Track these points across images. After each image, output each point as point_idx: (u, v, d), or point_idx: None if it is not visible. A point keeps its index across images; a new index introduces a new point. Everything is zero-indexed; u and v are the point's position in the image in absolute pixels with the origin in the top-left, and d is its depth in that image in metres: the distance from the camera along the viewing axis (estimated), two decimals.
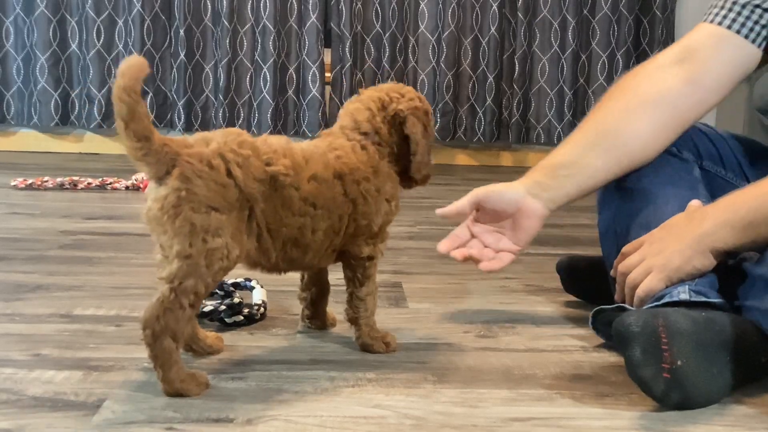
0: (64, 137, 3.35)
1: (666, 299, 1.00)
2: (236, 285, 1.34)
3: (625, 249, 1.09)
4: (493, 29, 3.29)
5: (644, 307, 1.01)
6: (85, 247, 1.68)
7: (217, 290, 1.31)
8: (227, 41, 3.23)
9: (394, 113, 1.07)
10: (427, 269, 1.58)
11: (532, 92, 3.38)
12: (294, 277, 1.27)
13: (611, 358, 1.09)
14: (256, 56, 3.27)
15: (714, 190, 1.17)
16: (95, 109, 3.23)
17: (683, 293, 1.00)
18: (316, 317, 1.17)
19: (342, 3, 3.24)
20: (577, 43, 3.33)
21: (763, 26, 1.17)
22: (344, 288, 1.09)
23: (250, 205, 0.91)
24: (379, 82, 3.32)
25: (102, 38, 3.21)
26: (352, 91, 3.29)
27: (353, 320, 1.09)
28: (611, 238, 1.19)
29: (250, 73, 3.28)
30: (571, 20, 3.31)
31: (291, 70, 3.32)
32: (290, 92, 3.33)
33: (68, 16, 3.22)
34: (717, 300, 1.00)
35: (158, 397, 0.91)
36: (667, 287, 1.02)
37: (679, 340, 0.89)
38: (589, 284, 1.32)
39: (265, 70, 3.26)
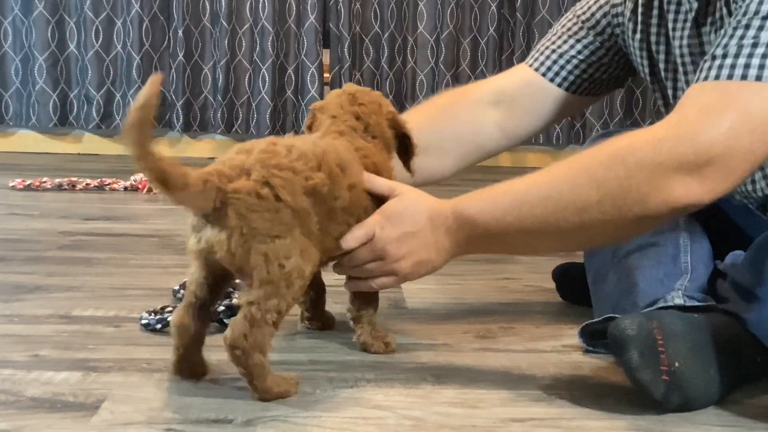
0: (62, 138, 3.35)
1: (660, 304, 1.00)
2: (236, 286, 1.33)
3: (360, 233, 1.01)
4: (491, 30, 3.29)
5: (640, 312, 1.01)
6: (83, 247, 1.68)
7: None
8: (226, 42, 3.23)
9: (391, 115, 1.08)
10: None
11: None
12: None
13: (610, 358, 1.09)
14: (255, 57, 3.27)
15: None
16: (94, 109, 3.23)
17: (678, 298, 1.01)
18: (316, 318, 1.17)
19: (340, 3, 3.24)
20: None
21: (575, 73, 1.24)
22: (342, 288, 1.09)
23: (304, 220, 0.92)
24: (378, 83, 3.33)
25: (100, 39, 3.21)
26: None
27: (356, 319, 1.08)
28: (595, 250, 1.21)
29: (248, 73, 3.28)
30: None
31: (290, 70, 3.32)
32: (289, 93, 3.33)
33: (66, 17, 3.22)
34: (708, 303, 1.01)
35: (157, 398, 0.91)
36: None
37: (674, 342, 0.89)
38: (584, 291, 1.32)
39: (263, 70, 3.26)
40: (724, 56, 0.91)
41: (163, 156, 0.81)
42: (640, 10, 1.15)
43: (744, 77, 0.88)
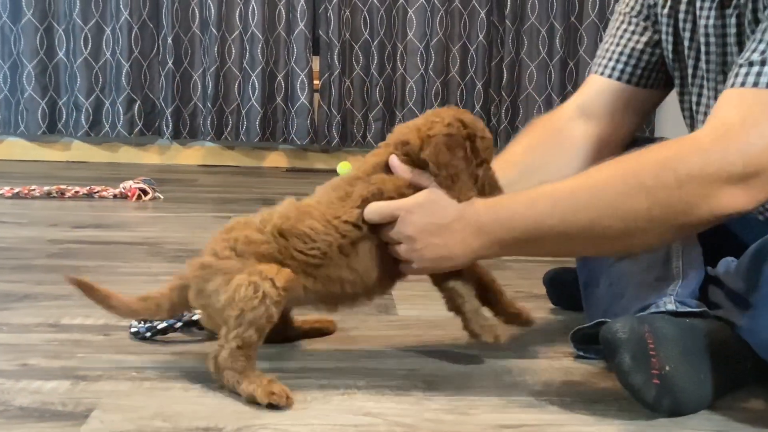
0: (51, 145, 3.33)
1: (652, 309, 1.01)
2: None
3: (388, 212, 1.00)
4: (481, 36, 3.30)
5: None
6: (72, 255, 1.67)
7: None
8: (215, 49, 3.23)
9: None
10: (416, 276, 1.58)
11: (520, 99, 3.39)
12: None
13: (601, 364, 1.09)
14: (245, 64, 3.27)
15: None
16: (83, 117, 3.22)
17: (669, 304, 1.01)
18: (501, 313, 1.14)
19: (330, 11, 3.25)
20: (564, 50, 3.35)
21: (640, 66, 1.21)
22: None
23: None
24: (368, 90, 3.33)
25: (89, 46, 3.20)
26: (341, 98, 3.29)
27: (456, 309, 1.05)
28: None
29: (238, 80, 3.28)
30: (559, 27, 3.32)
31: (279, 77, 3.32)
32: (279, 100, 3.33)
33: (55, 24, 3.21)
34: (700, 309, 1.01)
35: (147, 407, 0.90)
36: None
37: (665, 346, 0.90)
38: (575, 296, 1.32)
39: (253, 77, 3.26)
40: (762, 63, 0.91)
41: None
42: None
43: None
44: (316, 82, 3.34)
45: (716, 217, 0.91)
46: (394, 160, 1.02)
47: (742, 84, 0.92)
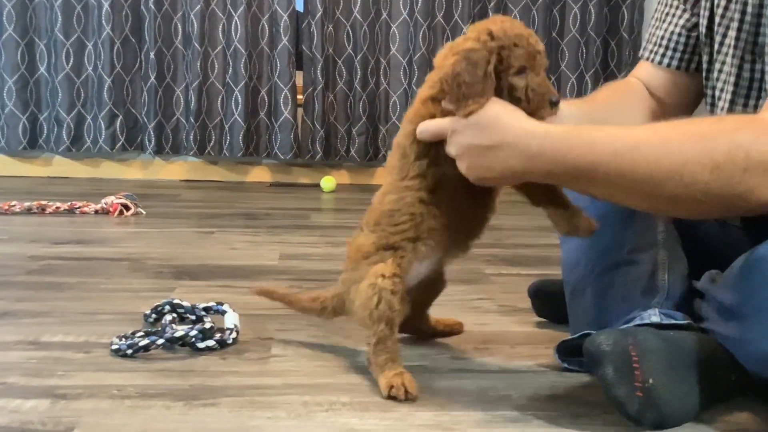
0: (32, 161, 3.31)
1: (636, 321, 1.01)
2: (208, 309, 1.32)
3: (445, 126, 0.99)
4: None
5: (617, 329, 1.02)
6: (53, 272, 1.65)
7: (188, 314, 1.29)
8: (198, 64, 3.22)
9: None
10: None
11: None
12: (265, 302, 1.27)
13: (585, 378, 1.09)
14: (228, 78, 3.27)
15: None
16: (64, 132, 3.20)
17: (654, 316, 1.01)
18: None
19: (313, 26, 3.25)
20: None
21: (687, 51, 1.21)
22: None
23: None
24: (351, 104, 3.34)
25: (71, 61, 3.18)
26: (324, 113, 3.30)
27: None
28: (573, 266, 1.20)
29: (221, 95, 3.27)
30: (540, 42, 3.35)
31: (263, 92, 3.31)
32: (262, 114, 3.33)
33: (37, 39, 3.19)
34: (685, 321, 1.01)
35: (128, 425, 0.89)
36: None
37: (649, 359, 0.90)
38: (560, 307, 1.32)
39: (236, 92, 3.25)
40: None
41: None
42: None
43: None
44: (299, 96, 3.33)
45: (762, 207, 0.89)
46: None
47: None
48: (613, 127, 0.95)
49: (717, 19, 1.13)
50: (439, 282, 1.21)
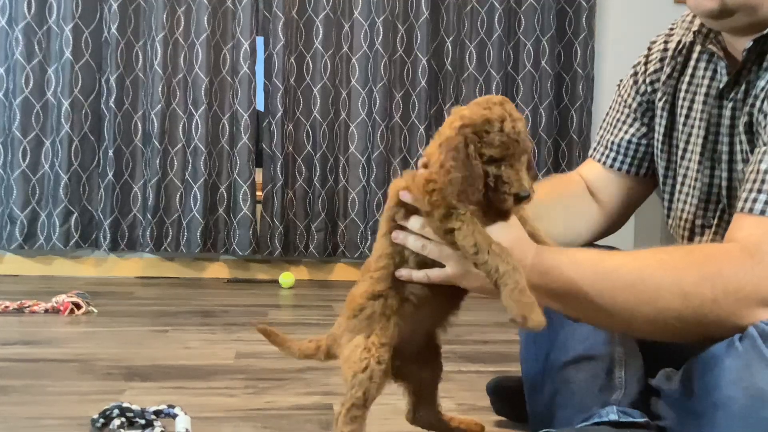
0: None
1: (595, 419, 1.01)
2: (158, 412, 1.28)
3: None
4: (421, 150, 3.39)
5: (576, 426, 1.01)
6: None
7: (137, 419, 1.25)
8: (157, 161, 3.24)
9: None
10: None
11: None
12: (219, 403, 1.23)
13: None
14: (187, 175, 3.28)
15: None
16: (17, 229, 3.15)
17: (612, 413, 1.01)
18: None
19: (273, 125, 3.31)
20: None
21: (640, 159, 1.27)
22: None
23: None
24: (310, 201, 3.36)
25: (27, 158, 3.17)
26: (284, 210, 3.31)
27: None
28: (531, 360, 1.20)
29: (180, 192, 3.27)
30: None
31: (222, 188, 3.33)
32: (221, 210, 3.33)
33: None
34: (641, 419, 1.01)
35: None
36: None
37: None
38: (519, 405, 1.31)
39: (195, 188, 3.26)
40: None
41: None
42: (673, 74, 1.20)
43: None
44: (258, 193, 3.35)
45: (738, 332, 0.93)
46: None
47: (761, 212, 0.95)
48: (595, 250, 1.01)
49: (679, 128, 1.19)
50: (435, 358, 1.15)
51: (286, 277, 3.16)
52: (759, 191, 0.96)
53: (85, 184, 3.24)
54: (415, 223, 0.98)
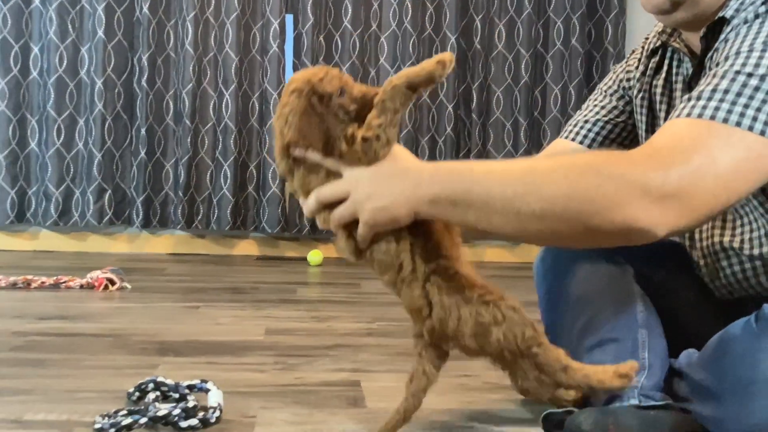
0: (18, 235, 3.31)
1: (617, 403, 1.02)
2: (192, 387, 1.32)
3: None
4: (449, 129, 3.39)
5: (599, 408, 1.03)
6: (37, 348, 1.64)
7: (171, 393, 1.28)
8: (188, 139, 3.28)
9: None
10: (385, 367, 1.57)
11: None
12: (249, 379, 1.26)
13: None
14: (217, 154, 3.32)
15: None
16: (52, 206, 3.22)
17: (633, 398, 1.02)
18: None
19: None
20: (528, 142, 3.45)
21: (602, 134, 1.29)
22: None
23: None
24: None
25: (62, 137, 3.23)
26: None
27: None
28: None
29: (210, 170, 3.31)
30: (523, 121, 3.44)
31: (251, 167, 3.36)
32: (250, 189, 3.36)
33: (29, 115, 3.25)
34: (663, 402, 1.02)
35: None
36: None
37: None
38: None
39: (225, 167, 3.30)
40: (698, 98, 0.97)
41: None
42: (648, 72, 1.23)
43: (713, 117, 0.94)
44: None
45: (628, 228, 0.91)
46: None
47: (678, 115, 0.97)
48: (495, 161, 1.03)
49: (660, 123, 1.22)
50: None
51: (315, 255, 3.19)
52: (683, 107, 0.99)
53: (118, 162, 3.29)
54: None
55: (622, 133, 1.30)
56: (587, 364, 1.04)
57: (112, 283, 2.40)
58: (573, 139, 1.30)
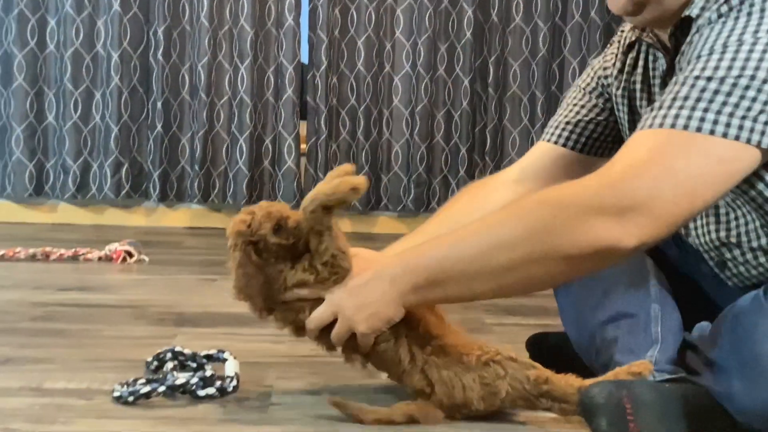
0: (37, 207, 3.34)
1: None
2: (209, 357, 1.33)
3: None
4: (465, 103, 3.38)
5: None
6: (56, 319, 1.67)
7: (189, 362, 1.30)
8: (204, 113, 3.28)
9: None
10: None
11: (503, 164, 3.44)
12: (266, 349, 1.28)
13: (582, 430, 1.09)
14: (233, 128, 3.32)
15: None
16: (70, 179, 3.24)
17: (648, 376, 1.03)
18: None
19: (318, 77, 3.32)
20: (545, 117, 3.43)
21: (585, 135, 1.28)
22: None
23: None
24: (354, 154, 3.38)
25: (79, 110, 3.24)
26: (327, 162, 3.34)
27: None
28: (572, 323, 1.23)
29: (226, 144, 3.32)
30: (540, 95, 3.41)
31: (267, 141, 3.36)
32: (266, 163, 3.37)
33: (46, 89, 3.26)
34: (677, 375, 1.02)
35: None
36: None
37: (643, 412, 0.91)
38: (556, 361, 1.33)
39: (241, 141, 3.30)
40: (660, 107, 0.97)
41: None
42: (626, 69, 1.21)
43: (673, 126, 0.93)
44: (303, 146, 3.38)
45: (596, 248, 0.92)
46: None
47: (641, 127, 0.97)
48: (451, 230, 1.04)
49: (643, 111, 1.19)
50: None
51: None
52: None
53: (135, 135, 3.31)
54: None
55: (604, 132, 1.28)
56: (600, 376, 1.05)
57: (130, 255, 2.42)
58: (555, 142, 1.29)
